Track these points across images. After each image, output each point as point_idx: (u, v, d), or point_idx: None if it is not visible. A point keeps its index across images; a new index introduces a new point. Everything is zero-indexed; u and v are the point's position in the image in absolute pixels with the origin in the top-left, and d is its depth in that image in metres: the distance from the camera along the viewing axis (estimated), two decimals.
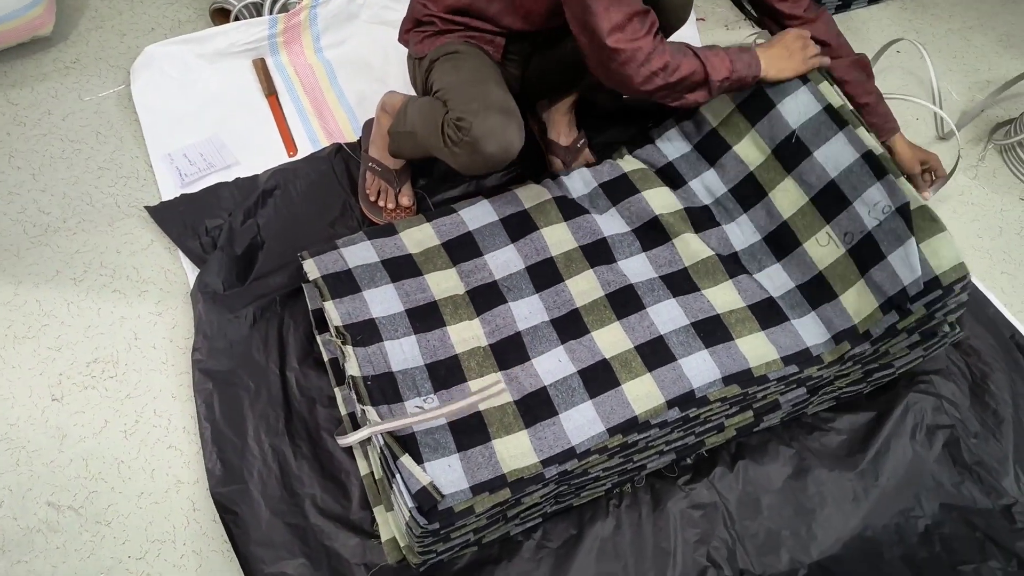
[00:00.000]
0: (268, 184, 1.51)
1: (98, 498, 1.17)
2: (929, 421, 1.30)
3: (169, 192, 1.50)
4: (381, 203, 1.48)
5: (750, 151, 1.38)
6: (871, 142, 1.24)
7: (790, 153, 1.31)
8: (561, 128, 1.54)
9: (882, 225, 1.19)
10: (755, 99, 1.35)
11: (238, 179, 1.52)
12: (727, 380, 1.18)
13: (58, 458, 1.20)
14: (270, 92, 1.69)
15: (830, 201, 1.26)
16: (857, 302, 1.23)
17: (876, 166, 1.21)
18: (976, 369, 1.37)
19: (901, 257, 1.17)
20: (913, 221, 1.17)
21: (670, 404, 1.15)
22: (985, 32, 1.99)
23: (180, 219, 1.45)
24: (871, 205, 1.21)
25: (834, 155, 1.26)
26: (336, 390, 1.26)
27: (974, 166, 1.70)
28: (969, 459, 1.26)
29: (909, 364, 1.28)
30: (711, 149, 1.43)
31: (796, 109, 1.30)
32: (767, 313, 1.28)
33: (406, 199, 1.49)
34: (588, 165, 1.50)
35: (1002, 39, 1.97)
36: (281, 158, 1.59)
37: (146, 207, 1.46)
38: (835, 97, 1.29)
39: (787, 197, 1.32)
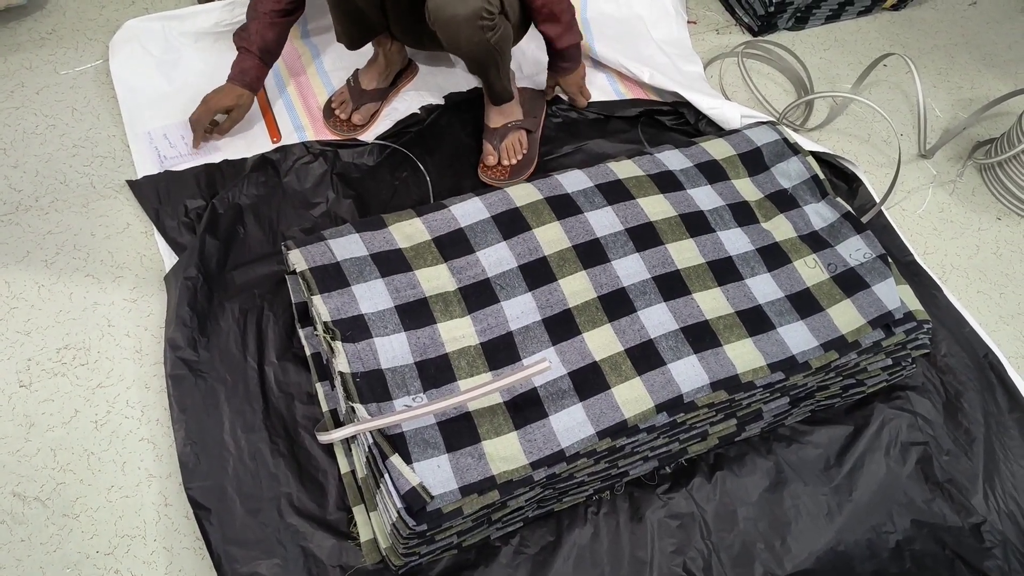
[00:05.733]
0: (255, 169, 1.47)
1: (66, 490, 1.14)
2: (904, 438, 1.32)
3: (146, 172, 1.46)
4: (339, 112, 1.60)
5: (747, 189, 1.48)
6: (848, 207, 1.43)
7: (782, 200, 1.47)
8: (491, 114, 1.60)
9: (863, 265, 1.35)
10: (754, 156, 1.51)
11: (225, 161, 1.49)
12: (715, 386, 1.19)
13: (24, 447, 1.17)
14: None
15: (816, 240, 1.41)
16: (845, 316, 1.29)
17: (856, 222, 1.39)
18: (951, 387, 1.39)
19: (883, 289, 1.31)
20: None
21: (659, 409, 1.16)
22: (970, 50, 2.02)
23: (160, 196, 1.42)
24: (852, 250, 1.38)
25: (821, 212, 1.44)
26: (318, 386, 1.24)
27: (952, 182, 1.72)
28: (941, 476, 1.28)
29: (876, 386, 1.35)
30: (711, 172, 1.48)
31: (789, 172, 1.48)
32: (755, 320, 1.29)
33: (358, 117, 1.60)
34: (524, 155, 1.61)
35: (986, 58, 2.00)
36: (264, 144, 1.56)
37: (128, 181, 1.43)
38: (818, 168, 1.48)
39: (778, 229, 1.43)
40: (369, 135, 1.60)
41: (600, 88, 1.76)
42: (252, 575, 1.08)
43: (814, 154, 1.57)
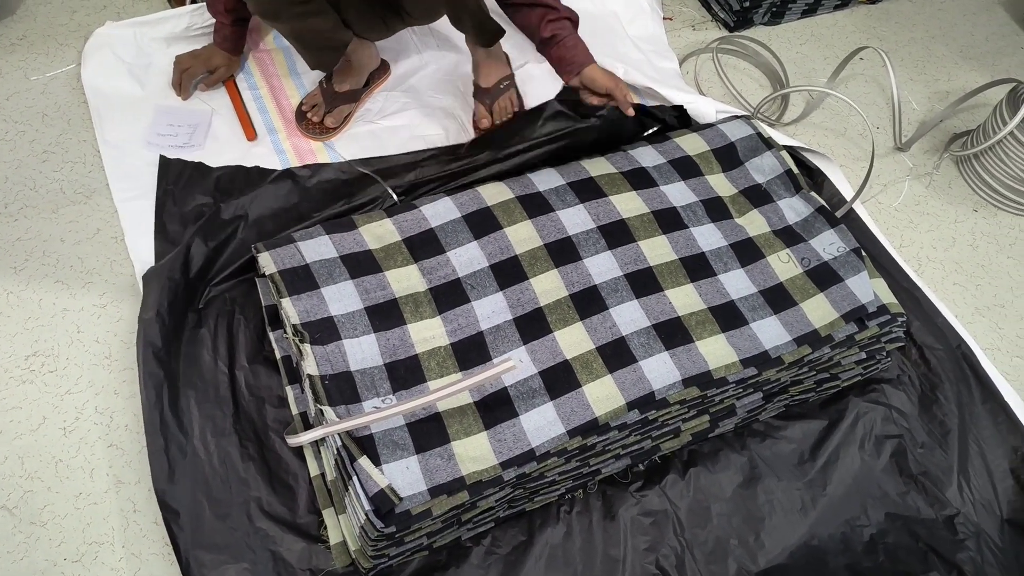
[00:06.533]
0: (275, 181, 1.48)
1: (33, 498, 1.14)
2: (878, 431, 1.31)
3: (117, 178, 1.45)
4: (310, 115, 1.59)
5: (721, 184, 1.47)
6: (822, 201, 1.44)
7: (756, 195, 1.46)
8: (481, 72, 1.57)
9: (837, 259, 1.35)
10: (728, 152, 1.50)
11: (257, 167, 1.51)
12: (687, 382, 1.19)
13: None
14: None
15: (790, 234, 1.41)
16: (819, 310, 1.29)
17: (829, 216, 1.40)
18: (926, 379, 1.39)
19: (856, 282, 1.31)
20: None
21: (630, 406, 1.15)
22: (947, 43, 2.02)
23: (177, 181, 1.45)
24: (826, 244, 1.37)
25: (794, 206, 1.44)
26: (287, 389, 1.24)
27: (928, 174, 1.72)
28: (915, 469, 1.28)
29: (850, 380, 1.35)
30: (684, 168, 1.48)
31: (763, 167, 1.49)
32: (728, 316, 1.29)
33: (331, 120, 1.59)
34: (515, 112, 1.61)
35: (963, 50, 2.00)
36: (240, 144, 1.55)
37: (161, 157, 1.48)
38: (792, 163, 1.49)
39: (752, 224, 1.42)
40: (342, 137, 1.59)
41: None
42: None
43: (788, 148, 1.57)
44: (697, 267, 1.34)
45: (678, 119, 1.65)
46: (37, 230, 1.39)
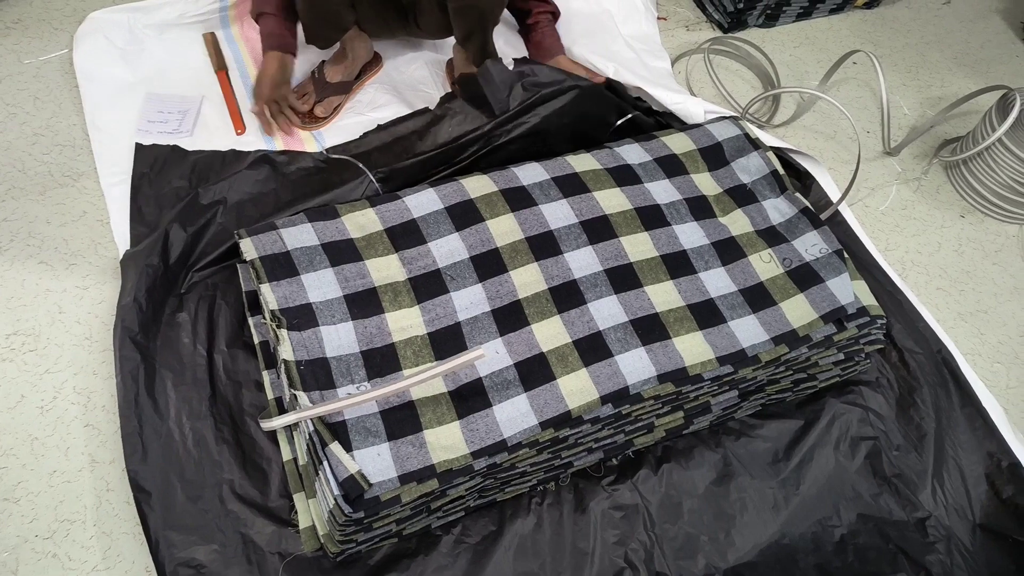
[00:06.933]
0: (251, 166, 1.47)
1: (7, 474, 1.14)
2: (854, 432, 1.31)
3: (104, 163, 1.46)
4: (300, 104, 1.59)
5: (706, 183, 1.47)
6: (806, 202, 1.43)
7: (741, 195, 1.46)
8: (460, 65, 1.63)
9: (819, 260, 1.34)
10: (714, 151, 1.50)
11: (232, 150, 1.51)
12: (662, 378, 1.19)
13: None
14: (220, 67, 1.66)
15: (773, 235, 1.41)
16: (798, 310, 1.29)
17: (813, 218, 1.39)
18: (904, 383, 1.39)
19: (837, 284, 1.31)
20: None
21: (604, 400, 1.15)
22: (941, 49, 2.01)
23: (153, 166, 1.45)
24: (809, 245, 1.37)
25: (779, 207, 1.43)
26: (264, 374, 1.24)
27: (917, 179, 1.72)
28: (889, 471, 1.28)
29: (827, 381, 1.35)
30: (670, 166, 1.48)
31: (748, 167, 1.48)
32: (706, 314, 1.29)
33: (320, 110, 1.60)
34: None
35: (957, 57, 2.00)
36: (229, 135, 1.56)
37: (136, 143, 1.47)
38: (778, 164, 1.48)
39: (735, 223, 1.42)
40: (331, 128, 1.60)
41: None
42: (189, 560, 1.08)
43: (776, 150, 1.57)
44: (678, 264, 1.34)
45: (648, 110, 1.66)
46: (24, 211, 1.40)
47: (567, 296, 1.27)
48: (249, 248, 1.26)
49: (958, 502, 1.26)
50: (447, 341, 1.23)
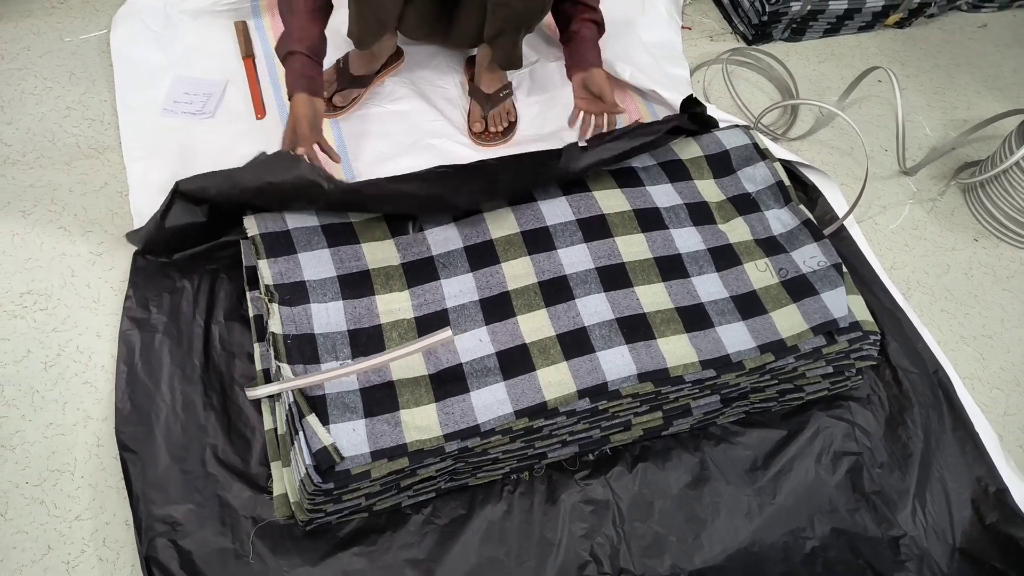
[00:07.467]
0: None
1: (7, 423, 1.21)
2: (837, 447, 1.30)
3: (129, 138, 1.53)
4: None
5: (710, 190, 1.48)
6: (809, 214, 1.42)
7: (744, 203, 1.46)
8: (484, 79, 1.64)
9: (816, 272, 1.34)
10: (721, 159, 1.50)
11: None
12: (642, 377, 1.19)
13: None
14: (247, 55, 1.72)
15: (772, 244, 1.40)
16: (788, 320, 1.29)
17: (815, 230, 1.39)
18: (895, 401, 1.37)
19: (832, 297, 1.30)
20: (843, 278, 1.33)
21: (581, 394, 1.17)
22: (972, 72, 1.98)
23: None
24: (807, 257, 1.37)
25: (781, 217, 1.43)
26: (256, 346, 1.29)
27: (932, 200, 1.69)
28: (869, 488, 1.26)
29: (815, 394, 1.34)
30: (674, 171, 1.49)
31: (754, 176, 1.48)
32: (694, 317, 1.29)
33: (339, 99, 1.63)
34: (511, 122, 1.65)
35: (987, 80, 1.96)
36: (249, 119, 1.62)
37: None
38: (784, 175, 1.47)
39: (735, 231, 1.42)
40: (347, 117, 1.65)
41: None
42: (166, 517, 1.12)
43: (784, 162, 1.56)
44: (671, 267, 1.35)
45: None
46: (49, 179, 1.48)
47: (556, 291, 1.29)
48: (252, 225, 1.30)
49: (939, 524, 1.24)
50: (433, 326, 1.25)
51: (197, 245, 1.39)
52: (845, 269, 1.34)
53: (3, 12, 1.71)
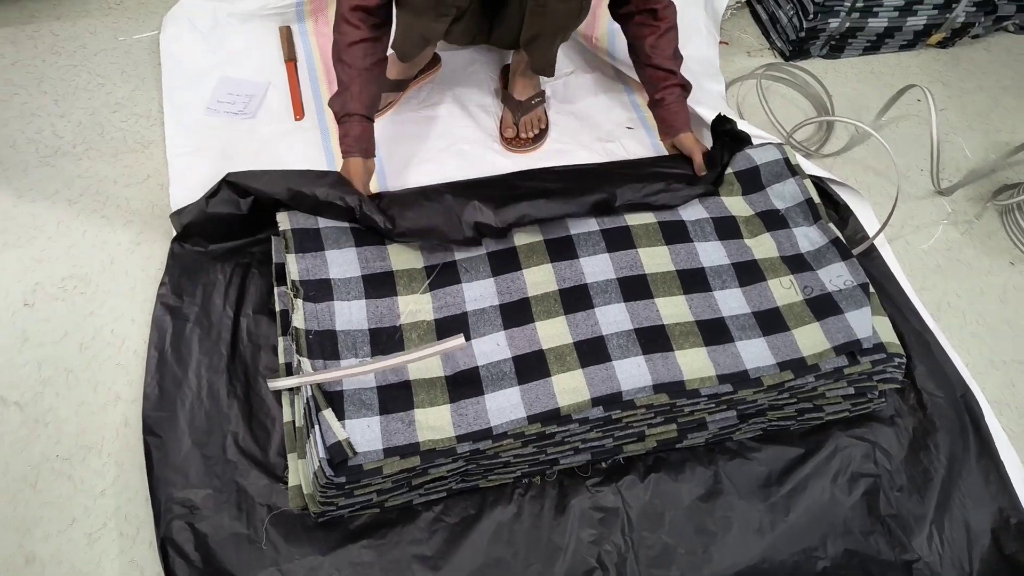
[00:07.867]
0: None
1: (42, 399, 1.26)
2: (855, 468, 1.28)
3: (174, 135, 1.59)
4: None
5: (738, 205, 1.48)
6: (838, 233, 1.40)
7: (772, 220, 1.45)
8: (517, 85, 1.67)
9: (841, 291, 1.32)
10: (751, 175, 1.49)
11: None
12: (657, 388, 1.20)
13: (16, 358, 1.30)
14: (289, 58, 1.77)
15: (798, 262, 1.39)
16: (810, 339, 1.27)
17: (843, 249, 1.37)
18: (919, 425, 1.34)
19: (857, 317, 1.28)
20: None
21: (595, 402, 1.17)
22: (1017, 95, 1.94)
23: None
24: (833, 276, 1.35)
25: (809, 235, 1.42)
26: (280, 339, 1.32)
27: (968, 221, 1.66)
28: (885, 511, 1.24)
29: (836, 415, 1.32)
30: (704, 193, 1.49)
31: (784, 193, 1.47)
32: (714, 331, 1.29)
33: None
34: (541, 129, 1.68)
35: None
36: (288, 120, 1.67)
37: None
38: (814, 192, 1.45)
39: (761, 247, 1.41)
40: (382, 120, 1.68)
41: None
42: (184, 499, 1.16)
43: (816, 179, 1.55)
44: (693, 281, 1.34)
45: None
46: (96, 170, 1.54)
47: (576, 299, 1.30)
48: (284, 220, 1.34)
49: (956, 553, 1.21)
50: (452, 329, 1.27)
51: (233, 238, 1.44)
52: (872, 289, 1.32)
53: (63, 12, 1.79)
